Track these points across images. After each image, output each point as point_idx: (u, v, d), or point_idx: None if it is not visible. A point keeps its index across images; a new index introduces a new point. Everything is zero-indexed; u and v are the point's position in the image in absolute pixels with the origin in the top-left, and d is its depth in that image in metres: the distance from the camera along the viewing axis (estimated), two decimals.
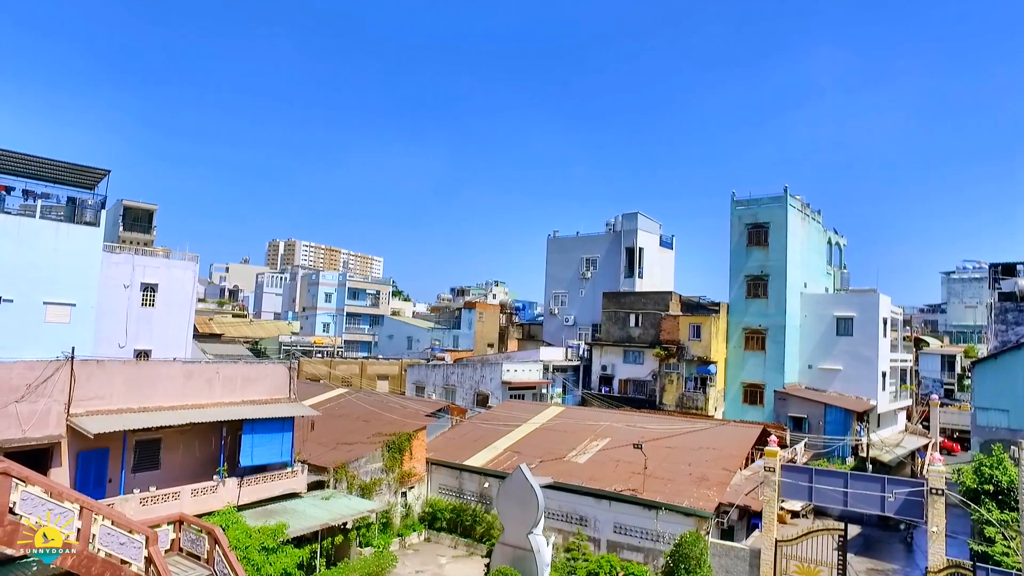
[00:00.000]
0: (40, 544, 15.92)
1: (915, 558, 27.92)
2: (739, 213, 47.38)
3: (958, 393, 66.14)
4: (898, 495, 21.20)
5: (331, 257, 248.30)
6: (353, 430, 29.84)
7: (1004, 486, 22.76)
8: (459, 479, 29.54)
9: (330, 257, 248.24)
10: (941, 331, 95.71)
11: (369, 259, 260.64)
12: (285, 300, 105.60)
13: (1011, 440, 21.11)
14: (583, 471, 27.03)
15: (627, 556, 23.86)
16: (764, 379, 44.76)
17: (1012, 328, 30.57)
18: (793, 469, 23.98)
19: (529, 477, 19.87)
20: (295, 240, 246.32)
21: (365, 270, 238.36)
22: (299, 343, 70.70)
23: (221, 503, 20.39)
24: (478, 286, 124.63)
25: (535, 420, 33.71)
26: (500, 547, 20.31)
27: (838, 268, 55.20)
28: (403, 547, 27.24)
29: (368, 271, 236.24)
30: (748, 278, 46.22)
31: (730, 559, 22.72)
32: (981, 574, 19.65)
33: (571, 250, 63.21)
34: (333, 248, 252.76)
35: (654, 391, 47.16)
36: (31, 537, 12.63)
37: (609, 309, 51.78)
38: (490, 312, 74.15)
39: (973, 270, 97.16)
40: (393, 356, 67.76)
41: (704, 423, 33.09)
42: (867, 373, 43.65)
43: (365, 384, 53.87)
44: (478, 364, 48.87)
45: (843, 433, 39.54)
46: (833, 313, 45.36)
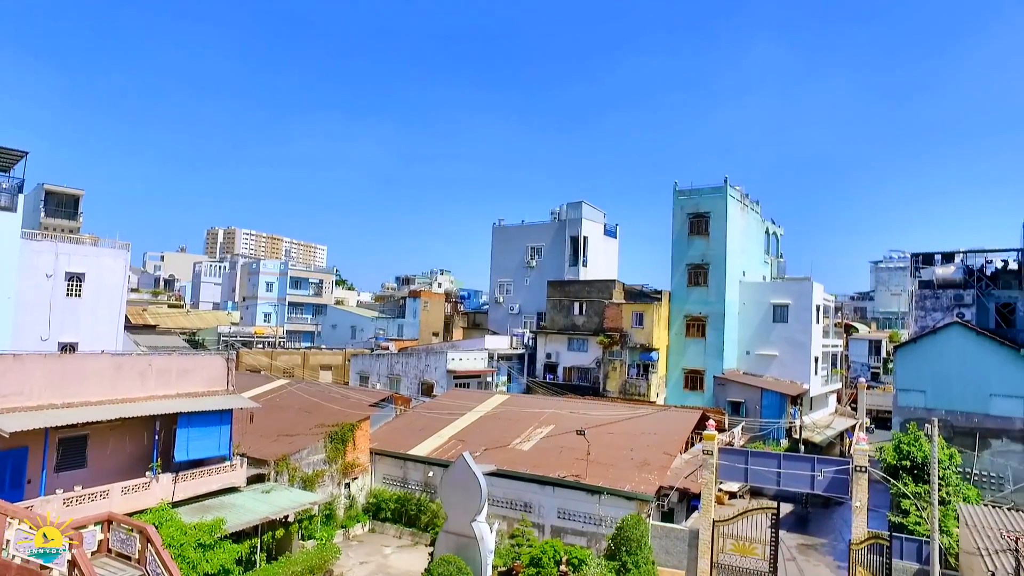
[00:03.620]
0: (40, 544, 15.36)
1: (841, 531, 29.31)
2: (681, 203, 48.35)
3: (883, 376, 69.64)
4: (827, 474, 22.22)
5: (273, 246, 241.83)
6: (295, 421, 29.27)
7: (919, 461, 24.15)
8: (404, 469, 29.39)
9: (272, 246, 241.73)
10: (869, 317, 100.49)
11: (312, 248, 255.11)
12: (224, 290, 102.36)
13: (927, 419, 22.33)
14: (527, 458, 27.26)
15: (571, 540, 24.24)
16: (704, 365, 46.02)
17: (930, 314, 32.27)
18: (730, 452, 24.80)
19: (472, 465, 19.91)
20: (235, 228, 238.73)
21: (308, 259, 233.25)
22: (239, 334, 68.72)
23: (154, 500, 19.67)
24: (423, 275, 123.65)
25: (480, 408, 33.77)
26: (444, 535, 20.32)
27: (775, 257, 57.06)
28: (347, 539, 26.96)
29: (311, 260, 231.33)
30: (689, 267, 47.32)
31: (670, 540, 23.38)
32: (896, 543, 20.90)
33: (516, 239, 63.34)
34: (275, 236, 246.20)
35: (598, 378, 47.88)
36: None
37: (554, 297, 52.19)
38: (435, 301, 73.71)
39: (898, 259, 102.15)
40: (337, 346, 66.65)
41: (646, 409, 33.81)
42: (801, 358, 45.41)
43: (308, 375, 52.84)
44: (423, 353, 48.58)
45: (778, 416, 41.08)
46: (770, 301, 46.91)
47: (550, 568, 21.76)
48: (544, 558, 21.92)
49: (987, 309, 31.03)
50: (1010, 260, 32.78)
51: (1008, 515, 19.11)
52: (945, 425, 27.70)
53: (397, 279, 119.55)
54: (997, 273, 32.41)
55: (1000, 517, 18.63)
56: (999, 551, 15.67)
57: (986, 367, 28.50)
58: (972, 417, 28.52)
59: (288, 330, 77.79)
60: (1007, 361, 28.02)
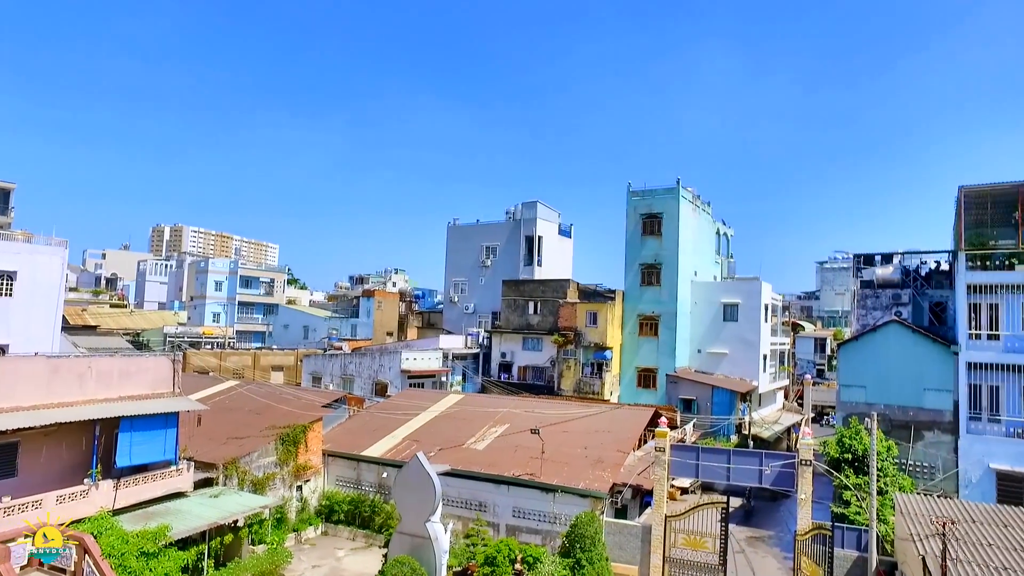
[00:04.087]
0: (40, 544, 15.71)
1: (787, 523, 30.21)
2: (634, 204, 49.05)
3: (828, 373, 72.12)
4: (774, 468, 22.88)
5: (222, 244, 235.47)
6: (245, 424, 28.60)
7: (860, 454, 25.09)
8: (357, 470, 29.03)
9: (221, 244, 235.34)
10: (815, 316, 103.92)
11: (263, 246, 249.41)
12: (171, 289, 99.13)
13: (867, 413, 23.24)
14: (482, 457, 27.26)
15: (526, 539, 24.35)
16: (657, 363, 46.79)
17: (870, 313, 33.52)
18: (682, 448, 25.30)
19: (426, 465, 19.81)
20: (182, 225, 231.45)
21: (259, 257, 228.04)
22: (186, 334, 66.65)
23: (93, 508, 18.91)
24: (377, 274, 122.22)
25: (435, 408, 33.61)
26: (398, 536, 20.15)
27: (725, 257, 58.41)
28: (299, 542, 26.49)
29: (262, 258, 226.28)
30: (643, 266, 48.03)
31: (623, 536, 23.71)
32: (838, 532, 21.71)
33: (471, 238, 63.21)
34: (224, 234, 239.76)
35: (552, 377, 48.21)
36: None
37: (509, 297, 52.29)
38: (389, 300, 73.02)
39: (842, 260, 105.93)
40: (289, 346, 65.36)
41: (600, 407, 34.19)
42: (750, 356, 46.60)
43: (259, 376, 51.69)
44: (377, 353, 48.07)
45: (728, 413, 42.10)
46: (720, 300, 47.98)
47: (505, 567, 21.81)
48: (499, 557, 21.96)
49: (922, 308, 32.42)
50: (942, 261, 34.31)
51: (938, 502, 20.02)
52: (883, 419, 28.83)
53: (351, 278, 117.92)
54: (931, 274, 33.87)
55: (931, 504, 19.51)
56: (929, 536, 16.40)
57: (920, 363, 29.78)
58: (908, 411, 29.76)
59: (238, 330, 75.87)
60: (939, 357, 29.34)
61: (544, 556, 22.28)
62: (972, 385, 28.50)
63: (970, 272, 29.09)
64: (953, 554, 15.10)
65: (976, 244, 30.54)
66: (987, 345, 28.38)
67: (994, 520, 18.04)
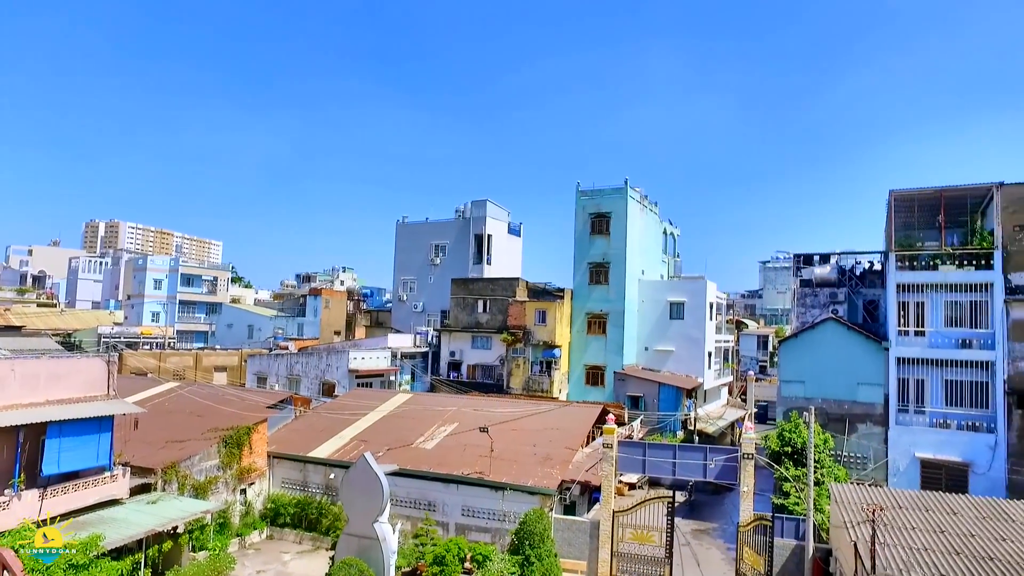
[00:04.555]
0: (40, 544, 15.78)
1: (731, 515, 31.09)
2: (583, 203, 49.61)
3: (770, 369, 74.44)
4: (718, 462, 23.47)
5: (162, 241, 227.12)
6: (186, 426, 27.70)
7: (799, 447, 26.05)
8: (303, 472, 28.48)
9: (161, 241, 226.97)
10: (758, 314, 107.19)
11: (206, 243, 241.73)
12: (106, 287, 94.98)
13: (806, 407, 24.12)
14: (431, 456, 27.13)
15: (475, 537, 24.34)
16: (605, 361, 47.44)
17: (809, 311, 34.81)
18: (629, 444, 25.71)
19: (373, 465, 19.59)
20: (119, 221, 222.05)
21: (202, 255, 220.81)
22: (123, 334, 64.04)
23: (15, 521, 17.83)
24: (325, 272, 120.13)
25: (383, 408, 33.27)
26: (345, 538, 19.86)
27: (672, 256, 59.64)
28: (243, 547, 25.83)
29: (205, 256, 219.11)
30: (591, 265, 48.62)
31: (572, 532, 23.96)
32: (777, 523, 22.45)
33: (420, 236, 62.81)
34: (165, 231, 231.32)
35: (502, 375, 48.34)
36: None
37: (458, 295, 52.17)
38: (337, 299, 71.90)
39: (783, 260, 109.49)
40: (233, 346, 63.60)
41: (549, 405, 34.46)
42: (696, 353, 47.74)
43: (201, 377, 50.12)
44: (324, 352, 47.27)
45: (674, 409, 43.01)
46: (667, 298, 48.97)
47: (454, 566, 21.76)
48: (448, 556, 21.89)
49: (857, 306, 33.83)
50: (875, 262, 35.87)
51: (869, 490, 20.96)
52: (821, 412, 29.93)
53: (297, 277, 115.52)
54: (865, 273, 35.38)
55: (863, 493, 20.40)
56: (860, 523, 17.15)
57: (855, 358, 31.08)
58: (843, 404, 31.01)
59: (179, 330, 73.41)
60: (871, 353, 30.69)
61: (493, 554, 22.32)
62: (901, 379, 29.92)
63: (899, 272, 30.52)
64: (881, 538, 15.84)
65: (905, 246, 32.03)
66: (914, 341, 29.86)
67: (918, 505, 19.00)
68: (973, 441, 28.30)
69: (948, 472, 28.29)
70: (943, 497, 19.89)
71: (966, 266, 29.50)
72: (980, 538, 16.47)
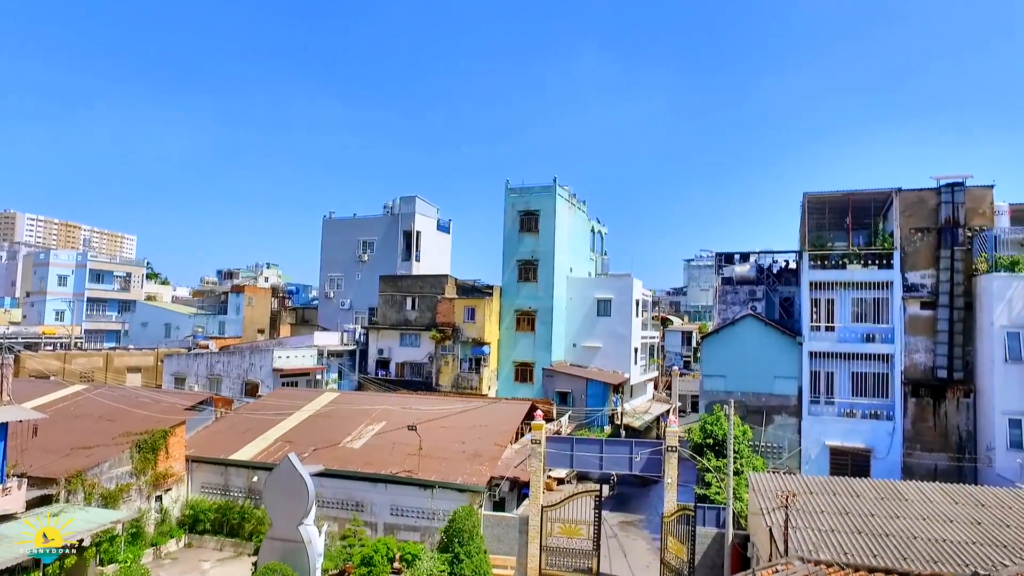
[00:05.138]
0: (40, 544, 15.81)
1: (656, 507, 32.02)
2: (512, 201, 49.87)
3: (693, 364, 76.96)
4: (643, 455, 24.12)
5: (69, 234, 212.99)
6: (95, 432, 26.15)
7: (720, 438, 27.10)
8: (225, 475, 27.40)
9: (67, 234, 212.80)
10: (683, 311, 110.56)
11: (119, 237, 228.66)
12: (1, 283, 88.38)
13: (726, 400, 25.11)
14: (359, 456, 26.65)
15: (405, 536, 24.08)
16: (534, 358, 47.89)
17: (730, 307, 36.23)
18: (557, 440, 26.03)
19: (298, 466, 19.06)
20: (15, 212, 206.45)
21: (113, 249, 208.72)
22: (20, 334, 59.69)
23: None
24: (248, 268, 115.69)
25: (309, 408, 32.41)
26: (269, 542, 19.24)
27: (599, 254, 60.78)
28: (158, 557, 24.61)
29: (117, 251, 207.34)
30: (520, 262, 48.96)
31: (501, 528, 24.07)
32: (700, 512, 23.28)
33: (348, 232, 61.61)
34: (71, 224, 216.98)
35: (431, 373, 48.05)
36: None
37: (386, 292, 51.50)
38: (261, 296, 69.54)
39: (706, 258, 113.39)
40: (148, 346, 60.37)
41: (478, 402, 34.46)
42: (622, 349, 48.85)
43: (112, 379, 47.37)
44: (247, 351, 45.63)
45: (602, 404, 43.90)
46: (594, 295, 49.90)
47: (383, 566, 21.45)
48: (376, 557, 21.56)
49: (773, 303, 35.45)
50: (790, 260, 37.70)
51: (784, 478, 22.06)
52: (740, 405, 31.27)
53: (219, 273, 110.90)
54: (781, 272, 37.11)
55: (778, 481, 21.43)
56: (775, 509, 18.03)
57: (771, 353, 32.63)
58: (761, 397, 32.50)
59: (88, 329, 69.12)
60: (786, 347, 32.31)
61: (423, 553, 22.16)
62: (813, 372, 31.68)
63: (812, 271, 32.25)
64: (793, 523, 16.70)
65: (817, 246, 33.85)
66: (825, 336, 31.66)
67: (826, 490, 20.16)
68: (875, 428, 30.29)
69: (853, 458, 30.16)
70: (848, 481, 21.16)
71: (870, 265, 31.48)
72: (878, 517, 17.69)
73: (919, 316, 30.57)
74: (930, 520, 17.58)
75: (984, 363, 28.71)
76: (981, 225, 30.16)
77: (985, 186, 30.69)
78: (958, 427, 29.70)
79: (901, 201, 31.29)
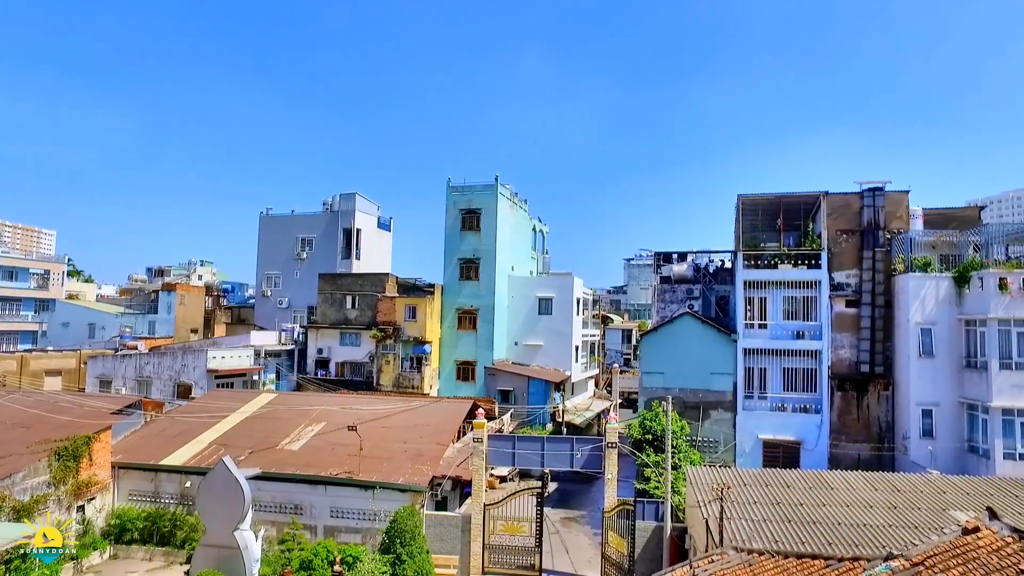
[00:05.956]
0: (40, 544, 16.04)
1: (598, 502, 32.55)
2: (454, 199, 49.67)
3: (633, 361, 78.46)
4: (584, 452, 24.46)
5: None
6: (6, 440, 24.62)
7: (659, 434, 27.78)
8: (155, 482, 26.27)
9: None
10: (623, 309, 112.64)
11: (35, 232, 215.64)
12: None
13: (665, 397, 25.74)
14: (297, 458, 26.05)
15: (345, 539, 23.67)
16: (476, 356, 47.83)
17: (668, 306, 37.16)
18: (499, 438, 26.12)
19: (233, 470, 18.50)
20: None
21: (29, 245, 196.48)
22: None
23: None
24: (180, 266, 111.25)
25: (245, 409, 31.46)
26: (203, 549, 18.60)
27: (541, 253, 61.19)
28: (79, 571, 23.34)
29: (34, 246, 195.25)
30: (461, 261, 48.81)
31: (444, 527, 23.98)
32: (639, 507, 23.84)
33: (286, 229, 60.02)
34: None
35: (372, 372, 47.41)
36: None
37: (326, 291, 50.52)
38: (194, 295, 66.93)
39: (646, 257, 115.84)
40: (69, 347, 57.17)
41: (419, 401, 34.25)
42: (563, 347, 49.36)
43: (28, 383, 44.62)
44: (179, 352, 43.88)
45: (544, 402, 44.26)
46: (536, 294, 50.21)
47: (322, 570, 21.00)
48: (316, 560, 21.10)
49: (710, 301, 36.55)
50: (726, 260, 38.96)
51: (719, 472, 22.80)
52: (678, 401, 32.09)
53: (148, 271, 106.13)
54: (717, 271, 38.29)
55: (714, 474, 22.15)
56: (711, 501, 18.65)
57: (708, 350, 33.62)
58: (698, 393, 33.44)
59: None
60: (722, 345, 33.37)
61: (364, 555, 21.83)
62: (747, 368, 32.84)
63: (746, 270, 33.42)
64: (728, 514, 17.31)
65: (750, 246, 35.09)
66: (758, 333, 32.88)
67: (759, 482, 20.99)
68: (804, 422, 31.66)
69: (785, 450, 31.44)
70: (779, 473, 22.09)
71: (800, 265, 32.86)
72: (807, 506, 18.57)
73: (844, 314, 32.13)
74: (853, 507, 18.56)
75: (901, 358, 30.45)
76: (899, 228, 31.96)
77: (902, 191, 32.56)
78: (879, 418, 31.40)
79: (828, 204, 32.81)
